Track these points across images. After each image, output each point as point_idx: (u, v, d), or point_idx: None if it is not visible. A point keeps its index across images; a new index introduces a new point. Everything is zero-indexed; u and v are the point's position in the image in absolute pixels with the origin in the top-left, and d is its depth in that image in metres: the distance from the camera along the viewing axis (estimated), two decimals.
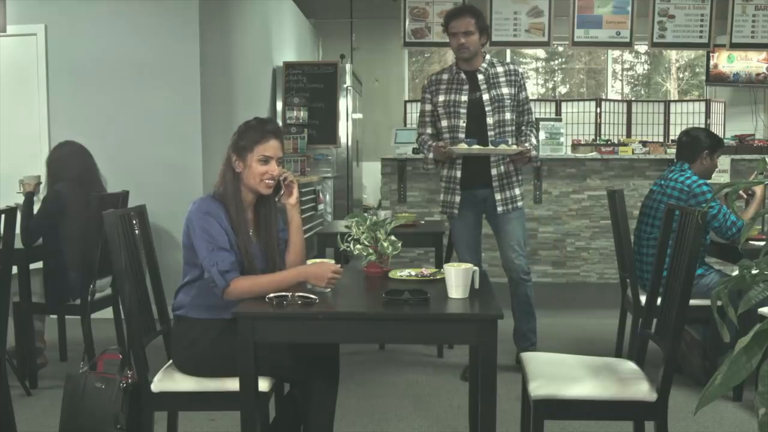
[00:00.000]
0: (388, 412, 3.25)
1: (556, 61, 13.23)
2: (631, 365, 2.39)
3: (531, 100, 4.05)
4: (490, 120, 3.62)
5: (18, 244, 3.48)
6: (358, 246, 2.48)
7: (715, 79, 8.81)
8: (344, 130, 7.79)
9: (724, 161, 5.73)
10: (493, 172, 3.64)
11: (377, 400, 3.39)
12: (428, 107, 3.78)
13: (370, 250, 2.46)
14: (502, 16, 6.64)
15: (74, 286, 3.57)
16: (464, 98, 3.64)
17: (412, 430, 3.08)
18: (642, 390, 2.18)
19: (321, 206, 7.08)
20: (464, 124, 3.63)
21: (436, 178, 6.06)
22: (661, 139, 8.38)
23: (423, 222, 4.59)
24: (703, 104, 8.84)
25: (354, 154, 8.18)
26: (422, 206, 6.03)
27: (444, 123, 3.69)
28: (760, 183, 3.39)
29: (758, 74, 8.78)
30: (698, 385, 3.43)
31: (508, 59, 11.66)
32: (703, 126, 7.93)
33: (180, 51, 4.92)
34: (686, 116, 8.72)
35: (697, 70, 13.33)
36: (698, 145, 3.55)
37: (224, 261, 2.22)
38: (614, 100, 8.51)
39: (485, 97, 3.63)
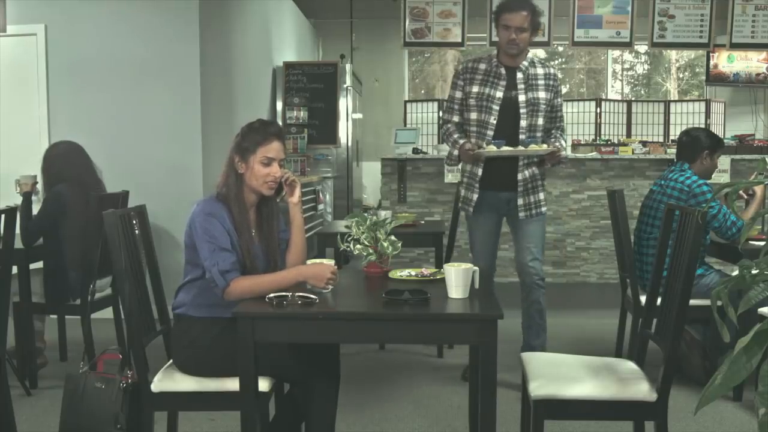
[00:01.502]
0: (388, 412, 3.25)
1: (556, 61, 13.25)
2: (631, 365, 2.39)
3: None
4: (523, 123, 3.46)
5: (18, 244, 3.48)
6: (358, 246, 2.48)
7: (715, 79, 8.81)
8: (344, 130, 7.79)
9: (724, 161, 5.73)
10: (519, 176, 3.49)
11: (377, 400, 3.39)
12: (459, 95, 3.58)
13: (370, 250, 2.46)
14: None
15: (74, 286, 3.57)
16: (499, 94, 3.46)
17: (412, 430, 3.08)
18: (642, 390, 2.18)
19: (321, 206, 7.09)
20: (494, 121, 3.46)
21: (437, 178, 6.09)
22: (661, 139, 8.37)
23: (423, 222, 4.59)
24: (703, 104, 8.84)
25: (354, 154, 8.18)
26: (422, 206, 6.03)
27: (473, 115, 3.51)
28: (760, 183, 3.39)
29: (758, 74, 8.78)
30: (698, 385, 3.42)
31: None
32: (703, 126, 7.93)
33: (180, 51, 4.91)
34: (686, 116, 8.72)
35: (697, 70, 13.33)
36: (698, 145, 3.55)
37: (225, 261, 2.23)
38: (614, 100, 8.51)
39: (521, 98, 3.46)
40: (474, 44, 9.82)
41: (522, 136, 3.44)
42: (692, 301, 2.25)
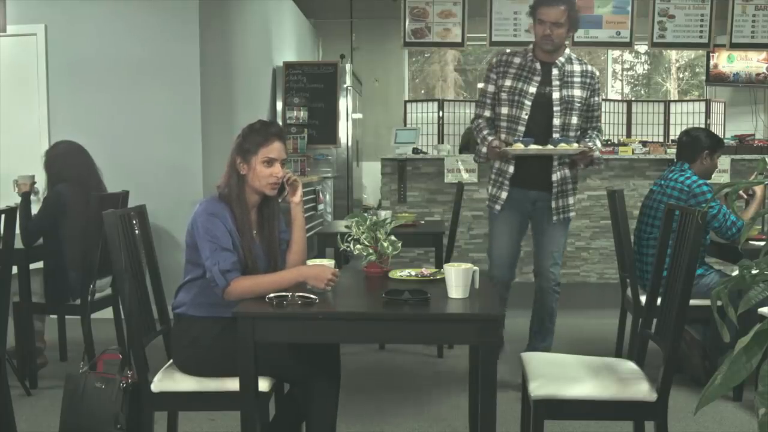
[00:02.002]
0: (388, 412, 3.25)
1: None
2: (631, 365, 2.39)
3: None
4: (556, 121, 3.35)
5: (18, 244, 3.48)
6: (358, 246, 2.48)
7: (715, 79, 8.81)
8: (344, 130, 7.79)
9: (724, 161, 5.73)
10: (554, 177, 3.37)
11: (377, 400, 3.39)
12: (491, 88, 3.47)
13: (370, 250, 2.46)
14: (502, 16, 6.65)
15: (74, 286, 3.57)
16: (532, 90, 3.36)
17: (412, 430, 3.08)
18: (642, 390, 2.18)
19: (321, 206, 7.09)
20: (526, 117, 3.35)
21: (437, 178, 6.09)
22: (661, 139, 8.38)
23: (423, 222, 4.59)
24: (703, 104, 8.84)
25: (354, 154, 8.18)
26: (422, 206, 6.03)
27: (504, 110, 3.41)
28: (760, 183, 3.39)
29: (758, 74, 8.78)
30: (698, 385, 3.42)
31: None
32: (703, 126, 7.93)
33: (180, 51, 4.91)
34: (686, 116, 8.72)
35: (697, 70, 13.34)
36: (698, 145, 3.55)
37: (226, 261, 2.23)
38: (614, 100, 8.52)
39: (555, 95, 3.35)
40: (474, 44, 9.85)
41: (555, 135, 3.33)
42: (692, 301, 2.25)
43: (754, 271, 1.48)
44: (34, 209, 3.65)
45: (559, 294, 3.54)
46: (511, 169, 3.40)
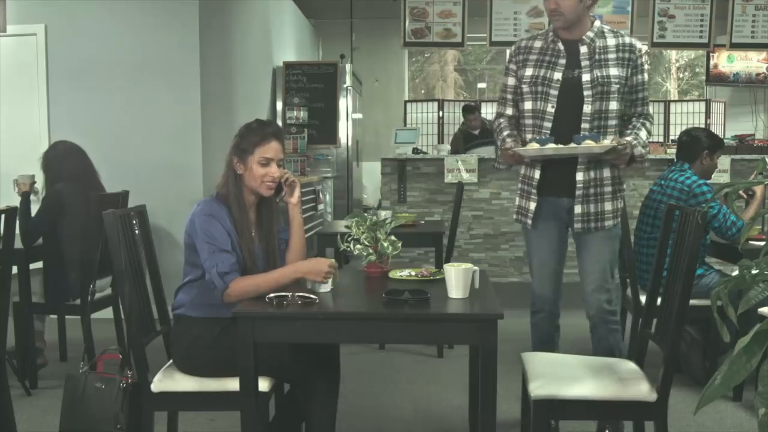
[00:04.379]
0: (388, 412, 3.25)
1: None
2: (631, 365, 2.39)
3: None
4: (587, 108, 2.75)
5: (18, 244, 3.48)
6: (358, 246, 2.48)
7: (715, 79, 8.82)
8: (344, 130, 7.79)
9: (724, 161, 5.73)
10: (579, 176, 2.78)
11: (377, 400, 3.39)
12: (511, 81, 2.93)
13: (370, 250, 2.46)
14: (502, 16, 6.65)
15: (74, 286, 3.57)
16: (557, 76, 2.78)
17: (412, 430, 3.08)
18: (642, 390, 2.18)
19: (321, 206, 7.09)
20: (553, 110, 2.78)
21: (437, 178, 6.10)
22: (661, 139, 8.38)
23: (423, 222, 4.59)
24: (703, 104, 8.85)
25: (354, 154, 8.18)
26: (422, 206, 6.03)
27: (528, 105, 2.85)
28: (760, 183, 3.39)
29: (758, 74, 8.79)
30: (698, 385, 3.43)
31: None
32: (703, 126, 7.93)
33: (180, 51, 4.91)
34: (686, 116, 8.73)
35: (697, 70, 13.34)
36: (698, 145, 3.55)
37: (224, 263, 2.23)
38: None
39: (585, 77, 2.76)
40: (474, 44, 9.85)
41: (585, 125, 2.76)
42: (692, 301, 2.25)
43: (754, 271, 1.48)
44: (34, 209, 3.65)
45: (618, 327, 2.88)
46: (537, 174, 2.84)
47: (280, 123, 7.60)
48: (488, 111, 8.70)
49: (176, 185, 4.86)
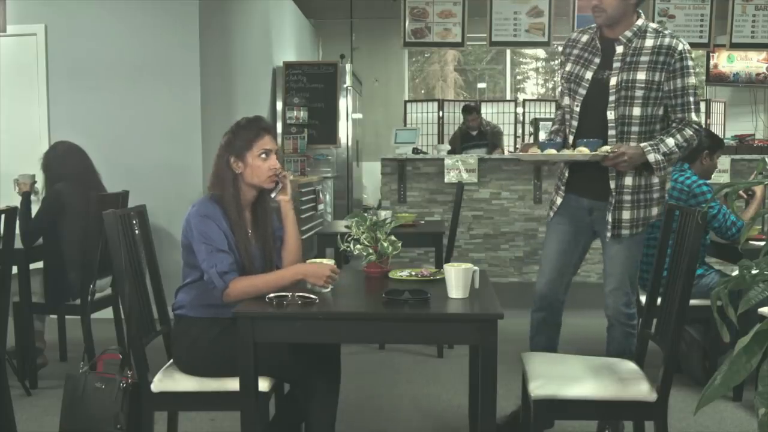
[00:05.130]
0: (388, 412, 3.25)
1: (556, 61, 13.23)
2: (631, 365, 2.39)
3: (532, 100, 3.32)
4: (611, 114, 2.66)
5: (18, 244, 3.48)
6: (358, 246, 2.47)
7: (715, 79, 8.82)
8: (344, 130, 7.79)
9: (724, 161, 5.73)
10: (613, 184, 2.69)
11: (377, 400, 3.39)
12: (563, 73, 2.88)
13: (370, 250, 2.46)
14: (502, 16, 6.66)
15: (74, 286, 3.57)
16: (588, 75, 2.71)
17: (412, 430, 3.08)
18: (642, 390, 2.18)
19: (321, 206, 7.09)
20: (578, 109, 2.73)
21: (437, 178, 6.09)
22: (695, 143, 8.36)
23: (423, 222, 4.59)
24: (703, 104, 8.83)
25: (354, 154, 8.18)
26: (422, 206, 6.03)
27: (566, 100, 2.81)
28: (760, 183, 3.39)
29: (758, 74, 8.79)
30: (698, 385, 3.43)
31: (508, 59, 11.69)
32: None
33: (180, 51, 4.91)
34: None
35: (698, 70, 13.35)
36: (698, 146, 3.55)
37: (223, 263, 2.22)
38: None
39: (613, 80, 2.65)
40: (474, 44, 9.85)
41: (611, 132, 2.66)
42: (692, 301, 2.25)
43: (754, 271, 1.48)
44: (34, 209, 3.65)
45: (633, 330, 2.82)
46: (567, 173, 2.84)
47: (280, 123, 7.61)
48: (488, 111, 8.71)
49: (176, 185, 4.85)
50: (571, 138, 2.78)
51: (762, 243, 3.02)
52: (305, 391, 2.34)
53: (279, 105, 7.68)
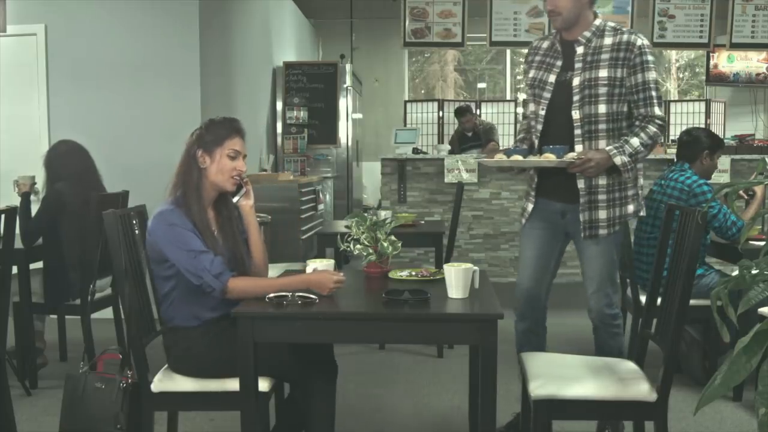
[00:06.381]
0: (388, 412, 3.25)
1: None
2: (631, 365, 2.39)
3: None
4: (576, 114, 2.66)
5: (18, 244, 3.48)
6: (358, 246, 2.47)
7: (715, 79, 8.83)
8: (344, 130, 7.79)
9: (724, 161, 5.73)
10: (582, 184, 2.68)
11: (377, 400, 3.39)
12: (527, 80, 2.88)
13: (370, 250, 2.46)
14: (502, 16, 6.66)
15: (74, 286, 3.57)
16: (552, 78, 2.73)
17: (412, 430, 3.08)
18: (642, 390, 2.18)
19: (321, 206, 7.09)
20: (543, 113, 2.74)
21: (437, 178, 6.09)
22: (661, 139, 8.36)
23: (423, 222, 4.59)
24: (703, 104, 8.85)
25: (354, 154, 8.18)
26: (422, 206, 6.03)
27: (531, 107, 2.82)
28: (760, 183, 3.39)
29: (758, 74, 8.79)
30: (698, 385, 3.43)
31: (508, 59, 11.68)
32: (703, 126, 7.93)
33: (180, 51, 4.91)
34: (686, 116, 8.72)
35: (697, 70, 13.34)
36: (699, 145, 3.55)
37: (213, 264, 2.19)
38: None
39: (575, 81, 2.67)
40: (474, 44, 9.85)
41: (577, 131, 2.68)
42: (692, 301, 2.25)
43: (754, 271, 1.48)
44: (34, 209, 3.65)
45: (618, 330, 2.80)
46: (536, 178, 2.83)
47: (280, 123, 7.62)
48: (488, 111, 8.71)
49: None
50: (536, 142, 2.78)
51: (762, 243, 3.02)
52: (304, 390, 2.33)
53: (279, 105, 7.68)
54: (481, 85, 14.08)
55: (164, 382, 2.29)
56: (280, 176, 6.18)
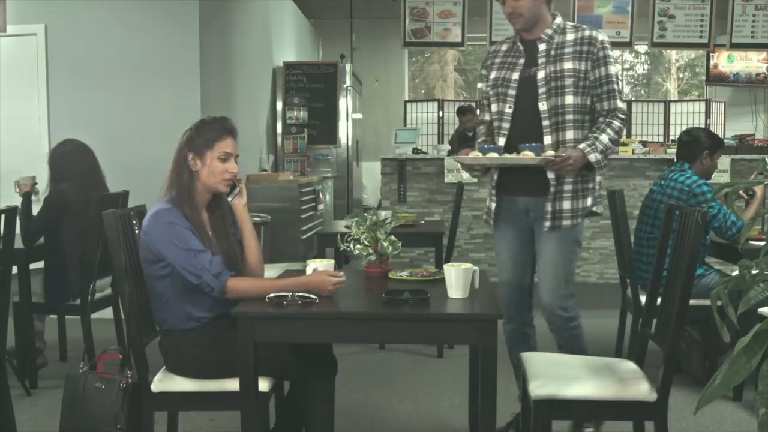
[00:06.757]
0: (388, 412, 3.25)
1: None
2: (631, 365, 2.39)
3: None
4: (543, 105, 2.69)
5: (18, 243, 3.48)
6: (358, 246, 2.48)
7: (715, 79, 8.83)
8: (344, 130, 7.79)
9: (724, 161, 5.73)
10: (551, 174, 2.69)
11: (377, 400, 3.39)
12: (484, 87, 2.92)
13: (370, 250, 2.46)
14: (502, 16, 6.60)
15: (74, 286, 3.57)
16: (515, 76, 2.76)
17: (412, 430, 3.08)
18: (642, 390, 2.18)
19: (321, 206, 7.09)
20: (510, 110, 2.76)
21: (437, 178, 6.09)
22: (661, 139, 8.38)
23: (423, 222, 4.59)
24: (703, 104, 8.85)
25: (354, 154, 8.18)
26: (422, 206, 6.03)
27: (493, 107, 2.83)
28: (760, 183, 3.39)
29: (758, 74, 8.79)
30: (698, 385, 3.43)
31: None
32: (703, 126, 7.93)
33: (180, 51, 4.91)
34: (686, 116, 8.73)
35: (697, 70, 13.35)
36: (698, 145, 3.55)
37: (212, 263, 2.19)
38: None
39: (540, 74, 2.70)
40: (474, 44, 9.85)
41: (545, 123, 2.69)
42: (692, 301, 2.24)
43: (754, 271, 1.48)
44: (35, 209, 3.65)
45: (577, 331, 2.79)
46: (496, 175, 2.86)
47: (280, 123, 7.62)
48: None
49: None
50: (501, 141, 2.78)
51: (762, 243, 3.02)
52: (304, 390, 2.33)
53: (279, 105, 7.68)
54: (481, 85, 14.11)
55: (164, 382, 2.29)
56: (280, 176, 6.19)
